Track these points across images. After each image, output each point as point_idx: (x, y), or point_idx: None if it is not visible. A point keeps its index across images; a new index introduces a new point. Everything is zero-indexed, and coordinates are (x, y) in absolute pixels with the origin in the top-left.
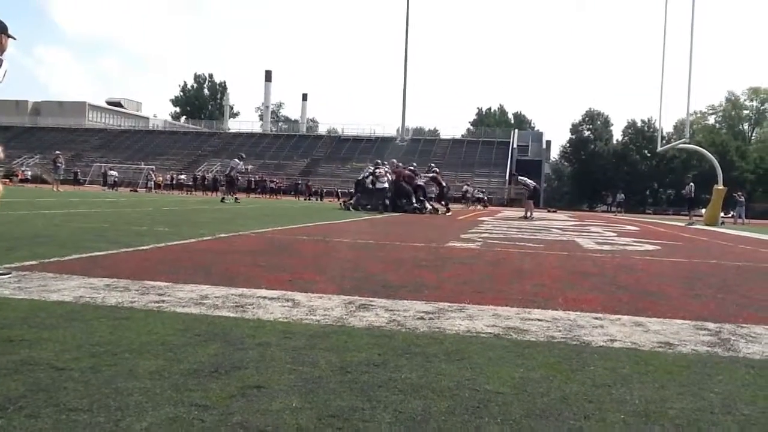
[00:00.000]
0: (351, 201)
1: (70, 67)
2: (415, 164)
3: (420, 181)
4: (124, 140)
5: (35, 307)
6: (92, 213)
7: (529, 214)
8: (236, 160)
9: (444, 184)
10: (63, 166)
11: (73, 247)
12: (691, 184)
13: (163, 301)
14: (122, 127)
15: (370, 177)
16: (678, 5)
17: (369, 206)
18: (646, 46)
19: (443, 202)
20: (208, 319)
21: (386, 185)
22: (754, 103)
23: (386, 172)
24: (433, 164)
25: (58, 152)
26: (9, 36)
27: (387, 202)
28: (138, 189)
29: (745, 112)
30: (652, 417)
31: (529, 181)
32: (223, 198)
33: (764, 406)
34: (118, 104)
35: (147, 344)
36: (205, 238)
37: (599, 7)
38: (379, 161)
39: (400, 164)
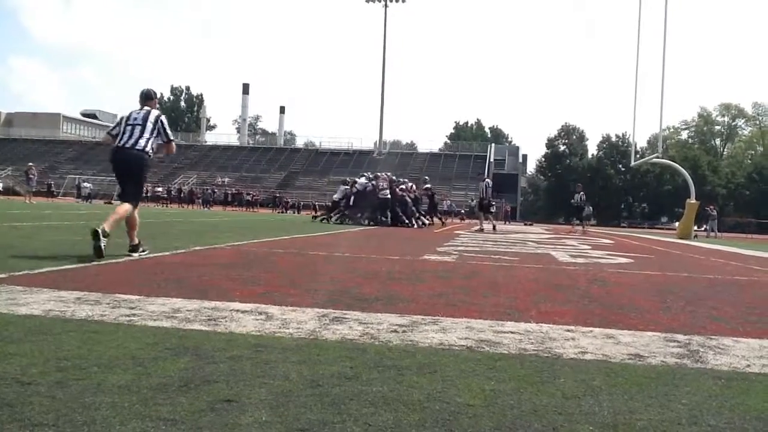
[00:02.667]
0: (327, 214)
1: (44, 78)
2: (406, 180)
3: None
4: (99, 152)
5: (2, 321)
6: (64, 225)
7: (488, 226)
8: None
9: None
10: (36, 178)
11: (44, 259)
12: (582, 192)
13: (134, 314)
14: (97, 139)
15: (370, 186)
16: (651, 22)
17: (363, 218)
18: (620, 62)
19: (438, 215)
20: (180, 333)
21: (388, 196)
22: (726, 119)
23: (385, 185)
24: (427, 177)
25: (30, 164)
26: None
27: (388, 214)
28: (113, 201)
29: (717, 127)
30: (620, 428)
31: (488, 192)
32: (325, 217)
33: (730, 417)
34: (93, 116)
35: (116, 358)
36: (179, 251)
37: (575, 23)
38: (370, 174)
39: (395, 178)
